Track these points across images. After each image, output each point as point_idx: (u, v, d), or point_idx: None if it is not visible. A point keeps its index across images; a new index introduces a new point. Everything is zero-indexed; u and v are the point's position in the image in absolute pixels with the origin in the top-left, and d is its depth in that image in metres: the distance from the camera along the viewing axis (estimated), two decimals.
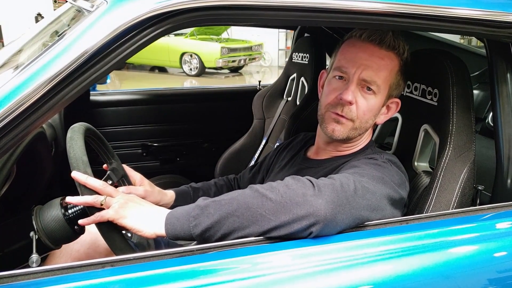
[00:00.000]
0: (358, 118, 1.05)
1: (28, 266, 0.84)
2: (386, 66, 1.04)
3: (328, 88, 1.09)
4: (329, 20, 0.84)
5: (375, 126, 1.14)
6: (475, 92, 2.42)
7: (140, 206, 0.90)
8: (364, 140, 1.13)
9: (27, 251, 0.88)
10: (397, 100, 1.11)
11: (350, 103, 1.02)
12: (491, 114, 1.92)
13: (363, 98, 1.04)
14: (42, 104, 0.71)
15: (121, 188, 1.12)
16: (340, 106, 1.04)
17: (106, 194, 0.89)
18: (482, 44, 1.10)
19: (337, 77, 1.06)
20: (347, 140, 1.09)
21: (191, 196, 1.30)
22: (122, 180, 1.17)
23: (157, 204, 1.20)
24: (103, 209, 0.88)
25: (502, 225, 0.93)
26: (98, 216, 0.86)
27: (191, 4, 0.73)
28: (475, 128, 1.08)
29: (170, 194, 1.25)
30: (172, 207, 1.24)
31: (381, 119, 1.11)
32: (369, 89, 1.03)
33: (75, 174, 0.88)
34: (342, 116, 1.04)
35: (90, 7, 0.80)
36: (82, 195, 0.88)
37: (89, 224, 0.88)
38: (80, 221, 0.88)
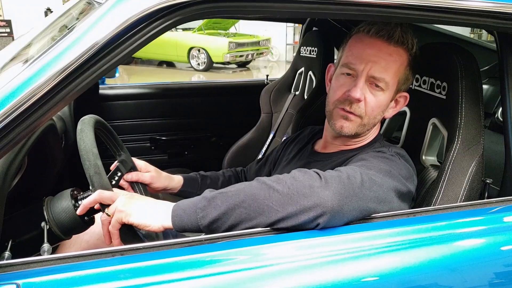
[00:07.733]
0: (366, 114, 1.05)
1: (40, 256, 0.85)
2: (395, 62, 1.03)
3: (336, 84, 1.09)
4: (337, 12, 0.83)
5: (383, 119, 1.14)
6: (485, 86, 2.39)
7: (143, 201, 0.89)
8: (372, 134, 1.13)
9: (38, 241, 0.90)
10: (406, 94, 1.10)
11: (359, 100, 1.02)
12: (500, 109, 1.90)
13: (371, 95, 1.04)
14: (52, 95, 0.72)
15: (129, 175, 1.13)
16: (348, 102, 1.04)
17: (105, 201, 0.88)
18: (493, 39, 1.09)
19: (345, 74, 1.06)
20: (355, 136, 1.09)
21: (199, 183, 1.30)
22: (131, 172, 1.18)
23: (164, 188, 1.21)
24: None
25: (510, 218, 0.92)
26: (113, 227, 0.86)
27: None
28: (485, 123, 1.07)
29: (177, 179, 1.27)
30: (179, 192, 1.26)
31: (390, 113, 1.11)
32: (377, 85, 1.03)
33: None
34: (350, 112, 1.04)
35: None
36: (92, 187, 0.89)
37: (118, 240, 0.87)
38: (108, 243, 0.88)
